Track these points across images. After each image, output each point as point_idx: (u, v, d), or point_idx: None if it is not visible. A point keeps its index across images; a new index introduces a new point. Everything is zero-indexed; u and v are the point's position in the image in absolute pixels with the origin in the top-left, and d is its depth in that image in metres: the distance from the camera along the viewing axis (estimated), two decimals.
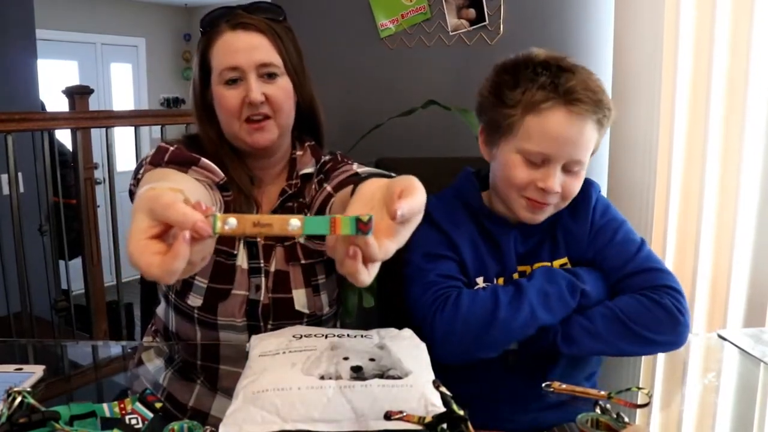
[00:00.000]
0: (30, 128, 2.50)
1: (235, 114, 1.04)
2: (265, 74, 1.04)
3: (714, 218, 1.91)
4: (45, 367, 0.95)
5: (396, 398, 0.72)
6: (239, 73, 1.03)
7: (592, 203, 1.10)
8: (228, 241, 1.06)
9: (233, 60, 1.03)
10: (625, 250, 1.07)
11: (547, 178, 0.99)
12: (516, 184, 1.02)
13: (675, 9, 1.91)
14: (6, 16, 3.55)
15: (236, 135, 1.06)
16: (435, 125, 2.35)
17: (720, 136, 1.87)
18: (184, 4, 6.53)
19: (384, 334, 0.89)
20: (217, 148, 1.08)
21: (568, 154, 0.98)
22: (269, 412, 0.71)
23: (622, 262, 1.06)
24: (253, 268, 1.07)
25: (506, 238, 1.08)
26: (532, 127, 0.98)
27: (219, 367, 1.03)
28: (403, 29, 2.43)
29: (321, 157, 1.17)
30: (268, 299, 1.07)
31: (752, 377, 1.00)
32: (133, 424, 0.73)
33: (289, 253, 1.09)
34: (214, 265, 1.05)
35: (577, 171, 1.02)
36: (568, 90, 0.96)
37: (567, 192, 1.02)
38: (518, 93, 0.99)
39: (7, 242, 2.54)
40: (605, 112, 0.99)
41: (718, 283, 1.93)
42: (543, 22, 2.30)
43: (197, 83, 1.09)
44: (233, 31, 1.04)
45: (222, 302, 1.06)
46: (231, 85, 1.03)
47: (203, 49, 1.07)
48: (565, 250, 1.09)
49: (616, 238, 1.08)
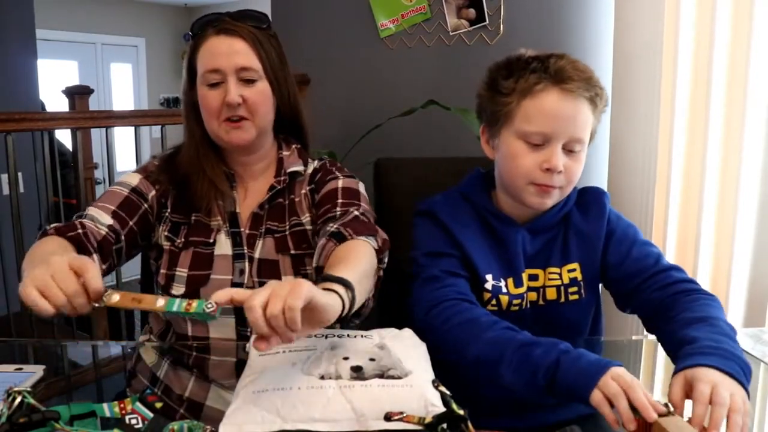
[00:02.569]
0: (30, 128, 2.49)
1: (214, 114, 1.12)
2: (244, 78, 1.11)
3: (714, 218, 1.91)
4: (45, 367, 0.96)
5: (396, 398, 0.72)
6: (220, 75, 1.10)
7: (606, 207, 1.12)
8: (206, 233, 1.14)
9: (215, 62, 1.10)
10: (648, 252, 1.08)
11: (550, 157, 1.01)
12: (522, 171, 1.03)
13: (675, 10, 1.91)
14: (6, 16, 3.55)
15: (216, 133, 1.14)
16: (435, 125, 2.35)
17: (720, 136, 1.87)
18: (184, 4, 6.53)
19: (384, 334, 0.89)
20: (198, 146, 1.17)
21: (566, 131, 1.01)
22: (269, 412, 0.71)
23: (652, 262, 1.06)
24: (237, 254, 1.14)
25: (513, 238, 1.08)
26: (529, 110, 1.02)
27: (210, 357, 1.09)
28: (403, 29, 2.43)
29: (308, 159, 1.24)
30: (252, 283, 1.12)
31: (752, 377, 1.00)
32: (133, 424, 0.73)
33: (279, 243, 1.15)
34: (192, 255, 1.13)
35: (577, 152, 1.03)
36: (557, 70, 1.01)
37: (570, 173, 1.04)
38: (512, 81, 1.03)
39: (7, 242, 2.54)
40: (597, 90, 1.03)
41: (718, 283, 1.93)
42: (543, 22, 2.30)
43: (185, 84, 1.17)
44: (217, 36, 1.12)
45: (203, 287, 1.11)
46: (212, 87, 1.11)
47: (191, 52, 1.14)
48: (577, 254, 1.09)
49: (637, 240, 1.10)
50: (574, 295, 1.09)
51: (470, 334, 0.92)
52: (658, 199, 2.01)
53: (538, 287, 1.09)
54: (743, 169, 1.81)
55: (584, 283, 1.09)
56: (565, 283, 1.08)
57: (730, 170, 1.86)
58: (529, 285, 1.08)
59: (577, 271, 1.09)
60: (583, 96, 1.01)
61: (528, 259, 1.09)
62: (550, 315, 1.09)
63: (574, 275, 1.09)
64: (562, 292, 1.08)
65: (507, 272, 1.08)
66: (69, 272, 0.76)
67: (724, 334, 0.88)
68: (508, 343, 0.88)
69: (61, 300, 0.75)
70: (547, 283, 1.09)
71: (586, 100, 1.02)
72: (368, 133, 2.22)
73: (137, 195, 1.16)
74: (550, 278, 1.09)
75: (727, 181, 1.87)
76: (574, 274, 1.09)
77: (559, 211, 1.10)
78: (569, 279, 1.09)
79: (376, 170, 1.42)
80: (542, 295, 1.09)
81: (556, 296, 1.08)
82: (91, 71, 5.79)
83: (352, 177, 1.22)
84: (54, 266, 0.77)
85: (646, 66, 2.02)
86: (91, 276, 0.77)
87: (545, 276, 1.09)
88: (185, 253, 1.13)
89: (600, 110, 1.06)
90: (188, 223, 1.16)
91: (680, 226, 2.00)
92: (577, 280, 1.09)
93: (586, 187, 1.16)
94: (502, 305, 1.07)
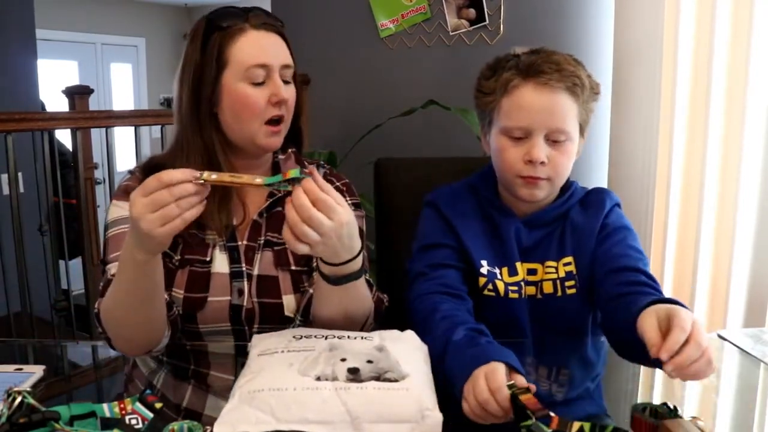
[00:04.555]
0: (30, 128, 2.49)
1: (258, 114, 1.02)
2: (284, 78, 1.05)
3: (714, 218, 1.91)
4: (45, 367, 0.96)
5: (391, 401, 0.72)
6: (266, 72, 1.02)
7: (606, 206, 1.13)
8: (201, 250, 1.05)
9: (263, 58, 1.02)
10: (628, 254, 1.06)
11: (531, 149, 1.04)
12: (507, 164, 1.07)
13: (675, 10, 1.91)
14: (6, 16, 3.55)
15: (252, 136, 1.04)
16: (435, 125, 2.35)
17: (720, 136, 1.87)
18: (184, 4, 6.53)
19: (385, 335, 0.89)
20: (209, 153, 1.05)
21: (544, 123, 1.04)
22: (264, 412, 0.70)
23: (626, 261, 1.04)
24: (235, 272, 1.05)
25: (508, 228, 1.11)
26: (508, 106, 1.06)
27: (210, 372, 1.03)
28: (403, 29, 2.43)
29: (305, 163, 1.17)
30: (252, 303, 1.05)
31: (752, 377, 1.00)
32: (133, 424, 0.73)
33: (278, 257, 1.07)
34: (189, 275, 1.03)
35: (562, 142, 1.05)
36: (529, 65, 1.04)
37: (556, 164, 1.06)
38: (492, 81, 1.09)
39: (7, 242, 2.54)
40: (573, 80, 1.04)
41: (718, 283, 1.93)
42: (543, 21, 2.30)
43: (208, 81, 1.03)
44: (257, 30, 1.03)
45: (200, 311, 1.03)
46: (257, 85, 1.02)
47: (220, 45, 1.02)
48: (571, 249, 1.11)
49: (624, 241, 1.09)
50: (571, 289, 1.09)
51: (426, 327, 0.95)
52: (658, 198, 2.01)
53: (536, 281, 1.10)
54: (743, 168, 1.81)
55: (579, 277, 1.09)
56: (561, 277, 1.09)
57: (730, 169, 1.86)
58: (527, 279, 1.10)
59: (572, 265, 1.10)
60: (559, 86, 1.03)
61: (524, 252, 1.11)
62: (549, 309, 1.10)
63: (569, 269, 1.10)
64: (558, 286, 1.09)
65: (502, 261, 1.11)
66: (159, 195, 0.78)
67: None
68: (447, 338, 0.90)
69: (176, 216, 0.79)
70: (545, 276, 1.10)
71: (563, 90, 1.04)
72: (368, 133, 2.22)
73: None
74: (547, 272, 1.10)
75: (727, 181, 1.87)
76: (569, 267, 1.10)
77: (558, 207, 1.12)
78: (565, 272, 1.10)
79: (376, 170, 1.42)
80: (540, 288, 1.10)
81: (553, 290, 1.10)
82: (91, 71, 5.79)
83: (357, 204, 1.15)
84: (138, 207, 0.79)
85: (646, 65, 2.02)
86: (169, 176, 0.79)
87: (543, 270, 1.11)
88: (181, 272, 1.03)
89: (585, 98, 1.06)
90: (182, 236, 1.04)
91: (680, 225, 2.00)
92: (573, 274, 1.09)
93: (597, 188, 1.18)
94: (499, 291, 1.09)
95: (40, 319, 2.78)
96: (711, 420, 0.85)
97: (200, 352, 1.06)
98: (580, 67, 1.06)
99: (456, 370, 0.81)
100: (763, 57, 1.76)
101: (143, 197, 0.79)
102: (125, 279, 0.89)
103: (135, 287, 0.89)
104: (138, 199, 0.79)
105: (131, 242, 0.84)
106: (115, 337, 0.97)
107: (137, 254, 0.84)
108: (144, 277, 0.88)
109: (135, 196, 0.80)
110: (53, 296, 2.82)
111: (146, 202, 0.78)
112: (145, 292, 0.90)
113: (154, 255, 0.86)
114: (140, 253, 0.84)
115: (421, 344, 0.89)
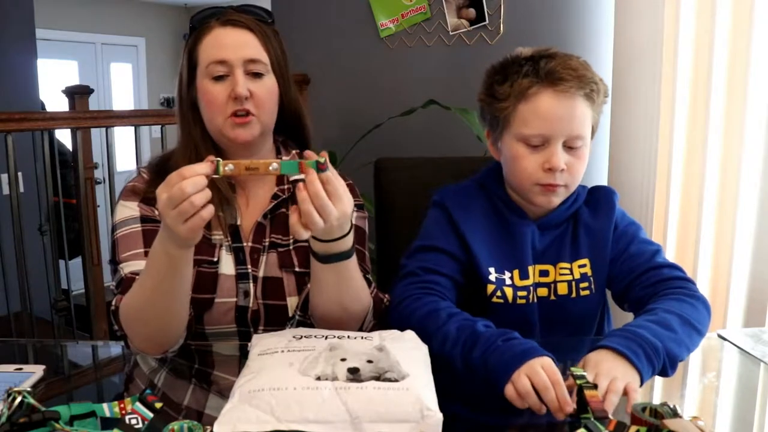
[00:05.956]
0: (30, 128, 2.49)
1: (220, 108, 1.05)
2: (251, 71, 1.05)
3: (714, 218, 1.91)
4: (45, 367, 0.95)
5: (391, 401, 0.72)
6: (226, 68, 1.04)
7: (615, 205, 1.14)
8: (208, 250, 1.06)
9: (221, 54, 1.04)
10: (644, 249, 1.10)
11: (551, 157, 1.03)
12: (525, 173, 1.05)
13: (675, 10, 1.90)
14: (6, 16, 3.55)
15: (219, 130, 1.07)
16: (435, 125, 2.35)
17: (720, 135, 1.87)
18: (184, 4, 6.53)
19: (385, 335, 0.89)
20: (197, 148, 1.08)
21: (564, 130, 1.02)
22: (264, 412, 0.70)
23: (646, 259, 1.08)
24: (240, 273, 1.07)
25: (523, 231, 1.10)
26: (526, 113, 1.04)
27: (213, 372, 1.03)
28: (403, 29, 2.43)
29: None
30: (257, 305, 1.06)
31: (752, 377, 1.00)
32: (133, 424, 0.72)
33: (283, 259, 1.09)
34: (197, 276, 1.03)
35: (579, 147, 1.05)
36: (549, 72, 1.02)
37: (573, 170, 1.05)
38: (507, 86, 1.05)
39: (7, 242, 2.54)
40: (591, 86, 1.04)
41: (718, 283, 1.93)
42: (543, 21, 2.30)
43: (184, 80, 1.10)
44: (223, 27, 1.06)
45: (207, 312, 1.05)
46: (217, 80, 1.05)
47: (192, 45, 1.08)
48: (587, 251, 1.11)
49: (637, 237, 1.12)
50: (585, 290, 1.10)
51: (430, 321, 0.95)
52: (659, 197, 2.01)
53: (549, 282, 1.10)
54: (743, 168, 1.81)
55: (594, 279, 1.10)
56: (576, 278, 1.10)
57: (730, 169, 1.86)
58: (539, 281, 1.10)
59: (587, 267, 1.10)
60: (578, 94, 1.02)
61: (537, 254, 1.11)
62: (559, 310, 1.10)
63: (584, 270, 1.10)
64: (573, 287, 1.10)
65: (513, 264, 1.09)
66: (177, 190, 0.78)
67: (657, 322, 0.90)
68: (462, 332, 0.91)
69: (193, 213, 0.79)
70: (558, 278, 1.10)
71: (582, 97, 1.03)
72: (368, 133, 2.22)
73: (149, 222, 1.07)
74: (561, 273, 1.10)
75: (727, 181, 1.87)
76: (584, 269, 1.10)
77: (568, 209, 1.12)
78: (580, 274, 1.10)
79: (376, 170, 1.42)
80: (553, 290, 1.10)
81: (568, 291, 1.10)
82: (91, 71, 5.78)
83: (360, 205, 1.15)
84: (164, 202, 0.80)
85: (646, 64, 2.01)
86: (191, 170, 0.79)
87: (556, 271, 1.11)
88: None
89: (599, 103, 1.07)
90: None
91: (680, 225, 2.00)
92: (588, 276, 1.10)
93: (597, 186, 1.18)
94: (507, 298, 1.08)
95: (40, 319, 2.78)
96: (711, 420, 0.85)
97: (204, 352, 1.07)
98: (593, 72, 1.05)
99: (496, 359, 0.83)
100: (763, 57, 1.75)
101: (165, 193, 0.80)
102: (155, 273, 0.90)
103: (163, 282, 0.90)
104: (161, 195, 0.80)
105: (164, 236, 0.85)
106: (135, 335, 0.98)
107: (170, 248, 0.86)
108: (174, 272, 0.89)
109: (159, 192, 0.81)
110: (53, 296, 2.82)
111: (166, 199, 0.80)
112: (172, 287, 0.91)
113: (187, 249, 0.87)
114: (173, 247, 0.85)
115: (421, 344, 0.89)
